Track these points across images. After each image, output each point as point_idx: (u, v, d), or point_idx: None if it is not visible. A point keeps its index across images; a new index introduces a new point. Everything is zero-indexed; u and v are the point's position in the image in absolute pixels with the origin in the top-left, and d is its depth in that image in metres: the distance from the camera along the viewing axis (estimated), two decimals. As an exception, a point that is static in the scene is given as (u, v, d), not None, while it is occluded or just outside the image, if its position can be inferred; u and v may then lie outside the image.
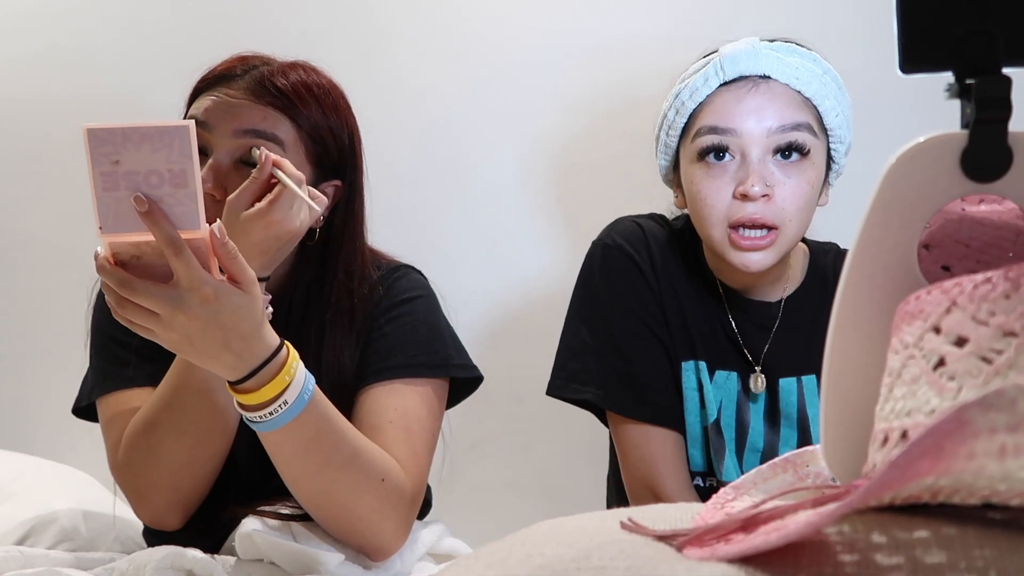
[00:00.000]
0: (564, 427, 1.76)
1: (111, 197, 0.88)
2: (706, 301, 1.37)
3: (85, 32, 1.94)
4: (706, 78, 1.28)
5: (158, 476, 1.13)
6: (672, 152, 1.35)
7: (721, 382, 1.35)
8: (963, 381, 0.48)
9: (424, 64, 1.85)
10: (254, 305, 0.96)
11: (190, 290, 0.91)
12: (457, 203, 1.85)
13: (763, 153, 1.25)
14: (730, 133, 1.25)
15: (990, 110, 0.57)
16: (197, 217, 0.89)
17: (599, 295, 1.37)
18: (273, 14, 1.88)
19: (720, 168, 1.26)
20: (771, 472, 0.68)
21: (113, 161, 0.87)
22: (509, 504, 1.84)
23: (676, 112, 1.31)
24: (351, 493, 1.08)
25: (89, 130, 0.86)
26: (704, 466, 1.36)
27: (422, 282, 1.32)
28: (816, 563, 0.46)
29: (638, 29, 1.80)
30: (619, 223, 1.41)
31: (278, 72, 1.20)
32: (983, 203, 0.64)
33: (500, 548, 0.54)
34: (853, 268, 0.59)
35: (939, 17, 0.58)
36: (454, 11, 1.85)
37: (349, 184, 1.25)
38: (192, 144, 0.87)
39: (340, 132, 1.23)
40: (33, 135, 1.96)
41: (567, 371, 1.38)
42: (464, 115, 1.85)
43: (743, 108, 1.25)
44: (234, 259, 0.94)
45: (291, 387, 1.00)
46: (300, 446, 1.04)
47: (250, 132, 1.15)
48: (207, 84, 1.20)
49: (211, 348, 0.95)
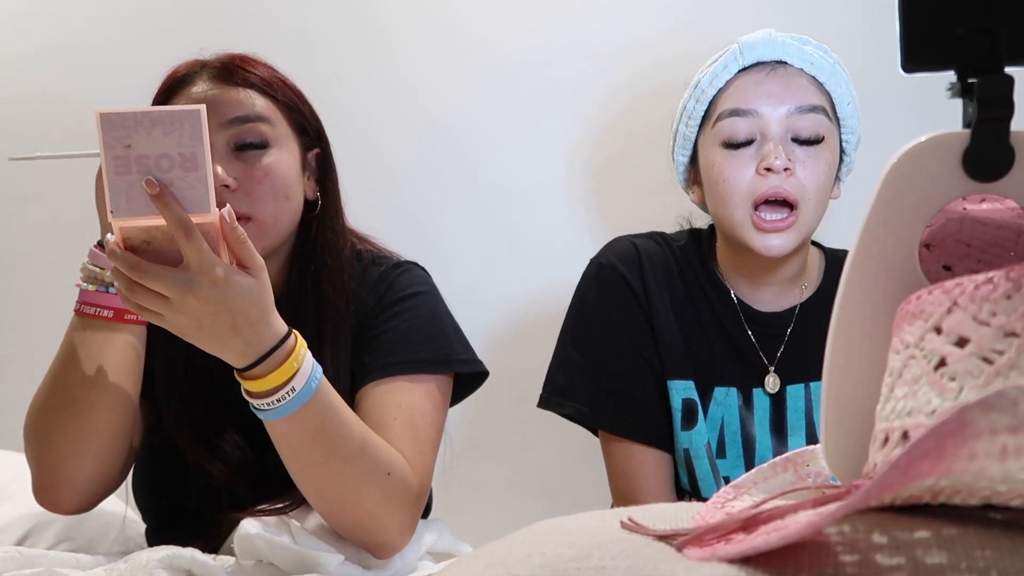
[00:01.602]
0: (564, 427, 1.75)
1: (123, 181, 0.89)
2: (710, 315, 1.37)
3: (85, 32, 1.94)
4: (725, 64, 1.31)
5: (43, 452, 1.13)
6: (691, 144, 1.36)
7: (720, 399, 1.35)
8: (964, 382, 0.48)
9: (424, 64, 1.85)
10: (263, 291, 0.97)
11: (200, 272, 0.92)
12: (459, 203, 1.85)
13: (783, 133, 1.28)
14: (751, 115, 1.28)
15: (992, 109, 0.57)
16: (208, 201, 0.90)
17: (588, 312, 1.40)
18: (273, 14, 1.88)
19: (742, 150, 1.29)
20: (771, 472, 0.68)
21: (125, 145, 0.88)
22: (509, 504, 1.84)
23: (696, 101, 1.33)
24: (357, 485, 1.07)
25: (102, 115, 0.88)
26: (689, 486, 1.37)
27: (424, 278, 1.31)
28: (817, 563, 0.46)
29: (639, 29, 1.80)
30: (615, 242, 1.43)
31: (231, 58, 1.21)
32: (985, 202, 0.64)
33: (500, 548, 0.54)
34: (854, 267, 0.59)
35: (941, 16, 0.58)
36: (455, 11, 1.85)
37: (324, 151, 1.27)
38: (203, 128, 0.89)
39: (303, 99, 1.25)
40: (33, 135, 1.95)
41: (553, 384, 1.41)
42: (466, 115, 1.84)
43: (762, 91, 1.28)
44: (243, 244, 0.95)
45: (299, 374, 1.00)
46: (307, 436, 1.03)
47: (237, 120, 1.16)
48: (167, 92, 1.20)
49: (220, 332, 0.96)
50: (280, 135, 1.19)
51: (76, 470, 1.13)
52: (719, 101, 1.31)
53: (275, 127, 1.18)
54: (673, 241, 1.43)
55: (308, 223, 1.24)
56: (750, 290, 1.38)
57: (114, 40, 1.93)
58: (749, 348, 1.36)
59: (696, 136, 1.35)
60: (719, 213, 1.32)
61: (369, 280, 1.27)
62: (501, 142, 1.84)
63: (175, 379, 1.21)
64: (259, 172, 1.15)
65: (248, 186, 1.15)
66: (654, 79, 1.77)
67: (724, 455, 1.34)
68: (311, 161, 1.25)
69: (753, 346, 1.36)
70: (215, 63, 1.20)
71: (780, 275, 1.36)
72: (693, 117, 1.34)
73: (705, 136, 1.33)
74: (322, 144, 1.27)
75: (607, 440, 1.39)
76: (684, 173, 1.40)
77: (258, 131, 1.17)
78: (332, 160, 1.28)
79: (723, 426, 1.34)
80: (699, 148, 1.35)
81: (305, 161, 1.24)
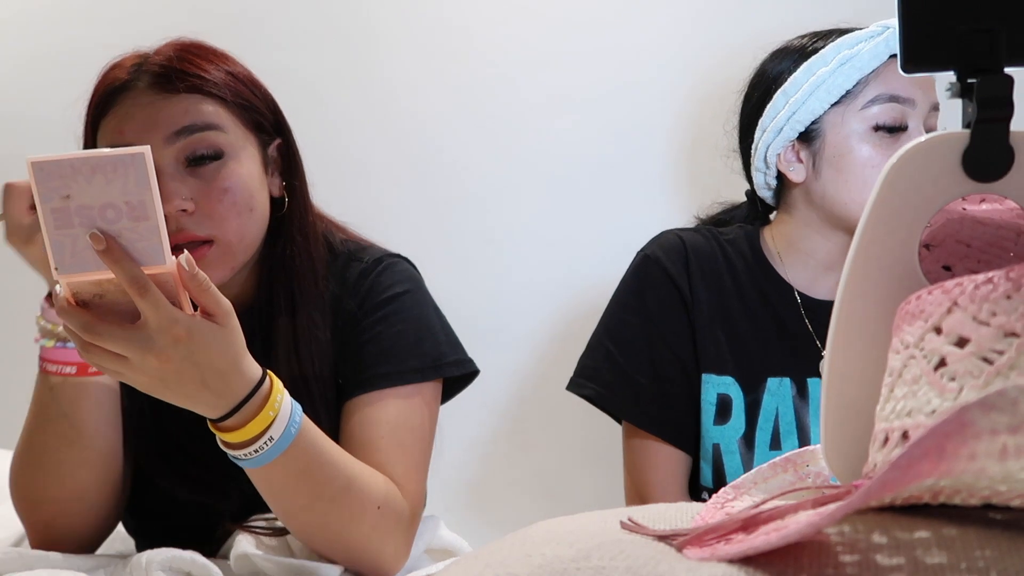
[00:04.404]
0: (564, 427, 1.76)
1: (65, 235, 0.80)
2: (763, 306, 1.38)
3: (85, 30, 1.93)
4: (883, 45, 1.29)
5: (32, 515, 1.09)
6: (810, 119, 1.32)
7: (774, 389, 1.35)
8: (964, 382, 0.48)
9: (413, 64, 1.85)
10: (231, 338, 0.89)
11: (160, 331, 0.84)
12: (457, 202, 1.85)
13: (923, 126, 1.30)
14: (909, 103, 1.29)
15: (992, 109, 0.57)
16: (162, 252, 0.82)
17: (626, 303, 1.41)
18: (272, 15, 1.88)
19: (895, 139, 1.29)
20: (771, 472, 0.68)
21: (63, 196, 0.79)
22: (509, 504, 1.84)
23: (843, 77, 1.29)
24: (346, 524, 1.02)
25: (33, 163, 0.79)
26: (714, 482, 1.37)
27: (407, 273, 1.22)
28: (817, 563, 0.46)
29: (638, 29, 1.79)
30: (662, 236, 1.43)
31: (172, 57, 1.09)
32: (984, 203, 0.64)
33: (500, 548, 0.54)
34: (854, 267, 0.59)
35: (941, 16, 0.58)
36: (457, 12, 1.85)
37: (285, 140, 1.17)
38: (149, 172, 0.79)
39: (258, 90, 1.14)
40: (33, 134, 1.95)
41: (580, 365, 1.42)
42: (460, 115, 1.84)
43: (917, 81, 1.29)
44: (206, 292, 0.87)
45: (276, 422, 0.93)
46: (289, 481, 0.97)
47: (184, 132, 1.06)
48: (102, 104, 1.09)
49: (187, 389, 0.89)
50: (235, 141, 1.09)
51: (70, 528, 1.09)
52: (871, 83, 1.29)
53: (228, 133, 1.08)
54: (722, 235, 1.43)
55: (276, 222, 1.15)
56: (811, 279, 1.38)
57: (113, 40, 1.93)
58: (805, 337, 1.36)
59: (822, 112, 1.32)
60: (850, 196, 1.30)
61: (349, 279, 1.19)
62: (501, 142, 1.84)
63: (144, 428, 1.16)
64: (217, 188, 1.06)
65: (207, 206, 1.05)
66: (653, 80, 1.77)
67: (780, 446, 1.34)
68: (273, 154, 1.16)
69: (810, 334, 1.36)
70: (152, 66, 1.08)
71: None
72: (832, 92, 1.30)
73: (844, 115, 1.30)
74: (282, 134, 1.17)
75: (627, 431, 1.40)
76: (780, 147, 1.35)
77: (209, 141, 1.06)
78: (295, 149, 1.18)
79: (778, 417, 1.34)
80: (827, 125, 1.32)
81: (266, 158, 1.15)
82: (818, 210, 1.35)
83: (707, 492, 1.37)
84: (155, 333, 0.84)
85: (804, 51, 1.34)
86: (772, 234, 1.41)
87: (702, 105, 1.71)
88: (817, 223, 1.36)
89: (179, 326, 0.85)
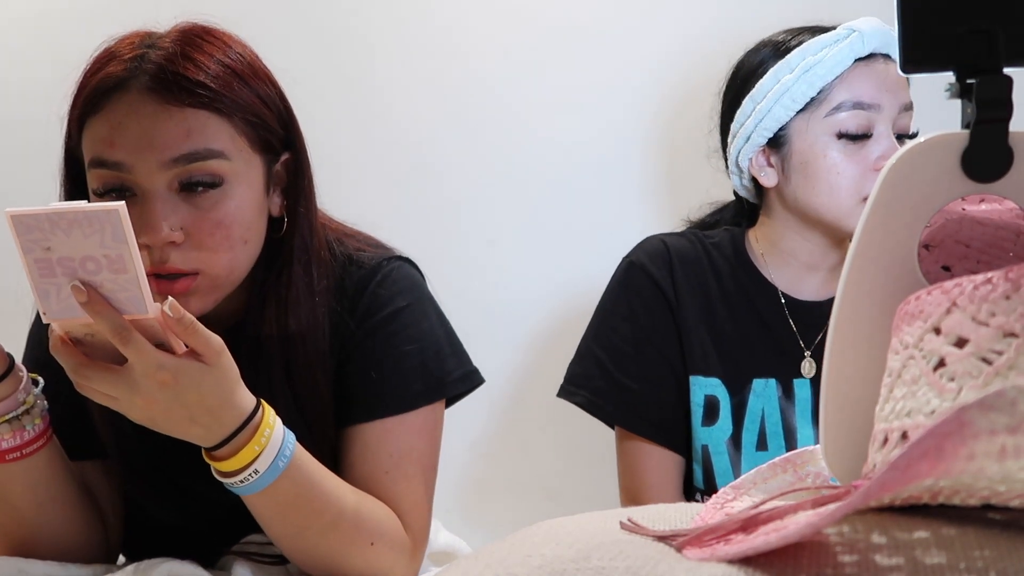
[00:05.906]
0: (564, 427, 1.75)
1: (50, 283, 0.82)
2: (749, 309, 1.38)
3: (85, 30, 1.93)
4: (848, 50, 1.28)
5: None
6: (779, 125, 1.32)
7: (760, 390, 1.36)
8: (963, 382, 0.48)
9: (403, 68, 1.85)
10: (221, 376, 0.88)
11: (144, 376, 0.85)
12: (457, 203, 1.85)
13: (892, 130, 1.29)
14: (873, 109, 1.28)
15: (991, 110, 0.57)
16: (143, 302, 0.82)
17: (613, 309, 1.41)
18: (275, 14, 1.88)
19: (860, 145, 1.28)
20: (771, 472, 0.68)
21: (45, 248, 0.80)
22: (509, 504, 1.83)
23: (806, 84, 1.29)
24: (336, 555, 1.01)
25: (13, 216, 0.79)
26: (704, 483, 1.37)
27: (408, 281, 1.14)
28: (816, 564, 0.46)
29: (626, 34, 1.79)
30: (647, 241, 1.43)
31: (177, 55, 0.97)
32: (984, 203, 0.64)
33: (500, 548, 0.54)
34: (853, 268, 0.59)
35: (940, 17, 0.58)
36: (448, 19, 1.85)
37: (294, 154, 1.06)
38: (125, 228, 0.79)
39: (272, 99, 1.03)
40: (34, 134, 1.95)
41: (570, 373, 1.42)
42: (447, 120, 1.83)
43: (884, 85, 1.28)
44: (193, 334, 0.86)
45: (262, 456, 0.92)
46: (277, 510, 0.97)
47: (182, 159, 0.95)
48: (93, 101, 0.98)
49: (176, 426, 0.89)
50: (238, 167, 0.98)
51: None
52: (835, 89, 1.28)
53: (232, 160, 0.97)
54: (707, 238, 1.43)
55: (276, 242, 1.06)
56: (794, 280, 1.38)
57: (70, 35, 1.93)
58: (789, 338, 1.37)
59: (789, 119, 1.31)
60: (819, 201, 1.31)
61: (348, 290, 1.11)
62: (499, 142, 1.84)
63: (129, 458, 1.12)
64: (211, 221, 0.96)
65: (198, 238, 0.96)
66: (652, 80, 1.77)
67: (766, 447, 1.34)
68: (278, 171, 1.05)
69: (794, 335, 1.36)
70: (153, 64, 0.96)
71: (835, 259, 1.36)
72: (796, 100, 1.30)
73: (813, 121, 1.30)
74: (292, 147, 1.06)
75: (620, 435, 1.41)
76: (751, 153, 1.36)
77: (210, 169, 0.96)
78: (304, 165, 1.07)
79: (763, 418, 1.35)
80: (793, 132, 1.31)
81: (270, 177, 1.04)
82: (793, 212, 1.35)
83: (699, 493, 1.38)
84: (140, 378, 0.85)
85: (778, 48, 1.33)
86: (756, 235, 1.42)
87: (690, 107, 1.71)
88: (795, 224, 1.36)
89: (164, 371, 0.85)
